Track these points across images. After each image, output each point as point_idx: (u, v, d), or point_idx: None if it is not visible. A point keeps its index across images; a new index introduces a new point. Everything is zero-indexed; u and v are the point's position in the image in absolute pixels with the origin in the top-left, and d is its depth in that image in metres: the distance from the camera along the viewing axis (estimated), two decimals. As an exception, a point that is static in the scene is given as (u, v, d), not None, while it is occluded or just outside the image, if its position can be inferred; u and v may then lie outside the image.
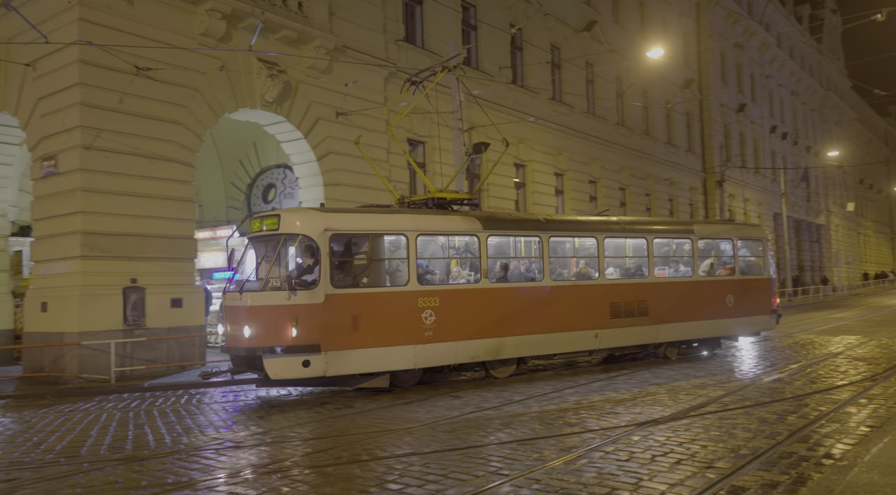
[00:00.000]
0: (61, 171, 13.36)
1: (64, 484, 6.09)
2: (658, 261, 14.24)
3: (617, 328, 13.04)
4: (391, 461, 6.46)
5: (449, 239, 11.74)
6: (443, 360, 11.07)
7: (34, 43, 12.80)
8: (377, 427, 8.13)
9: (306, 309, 9.83)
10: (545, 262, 12.29)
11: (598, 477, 5.71)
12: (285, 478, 5.98)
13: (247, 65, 15.41)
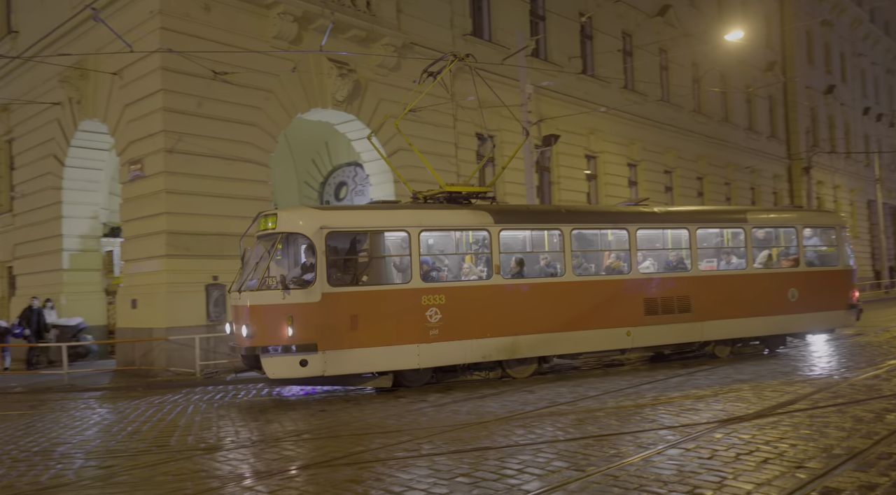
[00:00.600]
0: (147, 174, 13.99)
1: (156, 471, 6.37)
2: (704, 252, 13.30)
3: (653, 325, 12.15)
4: (465, 455, 6.44)
5: (457, 234, 11.39)
6: (450, 360, 10.73)
7: (120, 52, 13.45)
8: (453, 421, 8.13)
9: (302, 308, 9.75)
10: (566, 256, 11.61)
11: (678, 474, 5.53)
12: (383, 465, 6.06)
13: (318, 65, 15.71)
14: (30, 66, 17.19)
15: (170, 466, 6.55)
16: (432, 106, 17.51)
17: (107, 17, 12.73)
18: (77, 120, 16.25)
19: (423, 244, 10.60)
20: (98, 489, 5.86)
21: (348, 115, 16.56)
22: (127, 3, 14.05)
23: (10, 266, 19.27)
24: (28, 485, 6.03)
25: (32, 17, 17.57)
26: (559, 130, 20.63)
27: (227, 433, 8.03)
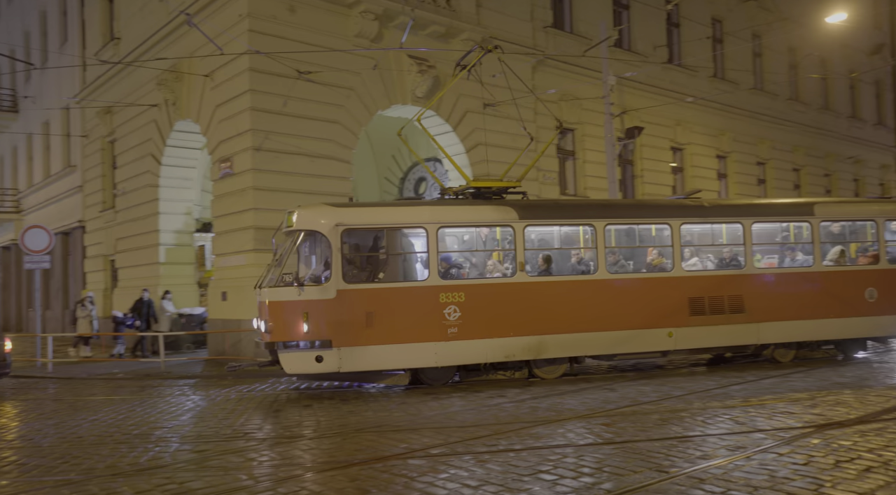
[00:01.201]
0: (236, 172, 14.55)
1: (243, 456, 6.61)
2: (762, 249, 12.39)
3: (698, 326, 11.38)
4: (544, 451, 6.36)
5: (478, 230, 11.14)
6: (469, 359, 10.55)
7: (211, 55, 14.04)
8: (533, 417, 8.06)
9: (317, 304, 9.85)
10: (599, 253, 11.06)
11: (770, 480, 5.26)
12: (461, 457, 6.09)
13: (398, 62, 15.88)
14: (130, 70, 18.19)
15: (260, 453, 6.79)
16: (511, 100, 17.37)
17: (199, 22, 13.30)
18: (172, 120, 17.07)
19: (441, 241, 10.49)
20: (192, 472, 6.13)
21: (428, 111, 16.65)
22: (218, 7, 14.64)
23: (113, 259, 20.49)
24: (129, 466, 6.39)
25: (132, 25, 18.59)
26: (643, 122, 20.07)
27: (311, 422, 8.24)
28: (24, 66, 26.04)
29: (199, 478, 5.87)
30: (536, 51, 18.20)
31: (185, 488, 5.58)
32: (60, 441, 7.63)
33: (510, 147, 17.64)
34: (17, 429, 8.57)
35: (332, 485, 5.54)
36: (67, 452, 7.03)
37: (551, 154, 19.12)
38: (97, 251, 21.54)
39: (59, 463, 6.58)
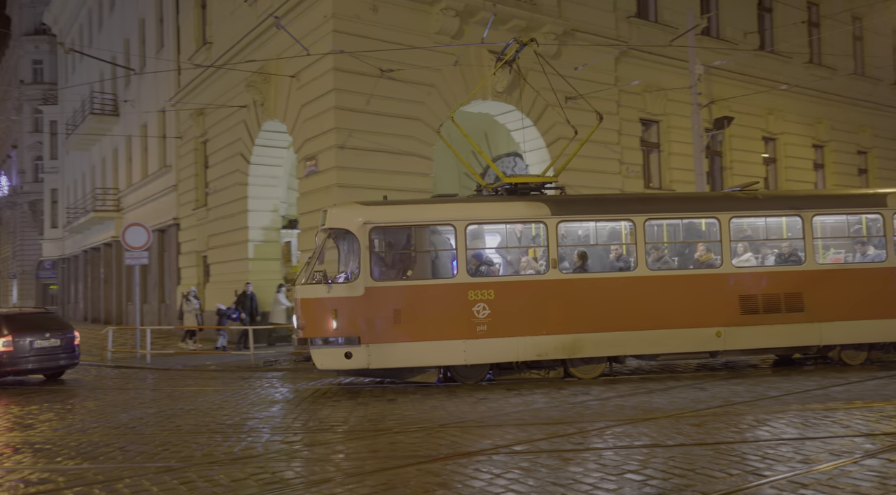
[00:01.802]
0: (321, 170, 14.92)
1: (331, 449, 6.77)
2: (826, 243, 11.63)
3: (750, 326, 10.77)
4: (632, 451, 6.21)
5: (509, 227, 10.83)
6: (499, 357, 10.41)
7: (297, 56, 14.44)
8: (619, 416, 7.89)
9: (346, 301, 9.98)
10: (639, 249, 10.63)
11: (880, 486, 4.94)
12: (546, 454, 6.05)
13: (478, 58, 15.86)
14: (221, 73, 18.94)
15: (346, 445, 6.93)
16: (594, 93, 17.04)
17: (286, 24, 13.71)
18: (260, 120, 17.67)
19: (469, 238, 10.38)
20: (283, 462, 6.33)
21: (508, 106, 16.59)
22: (304, 10, 15.03)
23: (205, 255, 21.44)
24: (224, 455, 6.66)
25: (223, 29, 19.35)
26: (732, 112, 19.28)
27: (395, 416, 8.35)
28: (124, 71, 27.59)
29: (290, 469, 6.05)
30: (619, 42, 17.77)
31: (277, 477, 5.76)
32: (160, 429, 8.04)
33: (593, 140, 17.32)
34: (121, 417, 9.09)
35: (418, 480, 5.58)
36: (167, 440, 7.40)
37: (634, 147, 18.65)
38: (190, 247, 22.57)
39: (160, 450, 6.93)
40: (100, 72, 31.23)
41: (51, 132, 41.33)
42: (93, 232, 33.60)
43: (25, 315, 13.63)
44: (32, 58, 48.02)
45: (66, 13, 37.95)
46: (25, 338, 12.47)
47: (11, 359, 12.32)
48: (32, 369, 12.70)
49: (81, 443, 7.32)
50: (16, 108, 48.39)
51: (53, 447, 7.18)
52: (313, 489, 5.40)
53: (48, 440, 7.58)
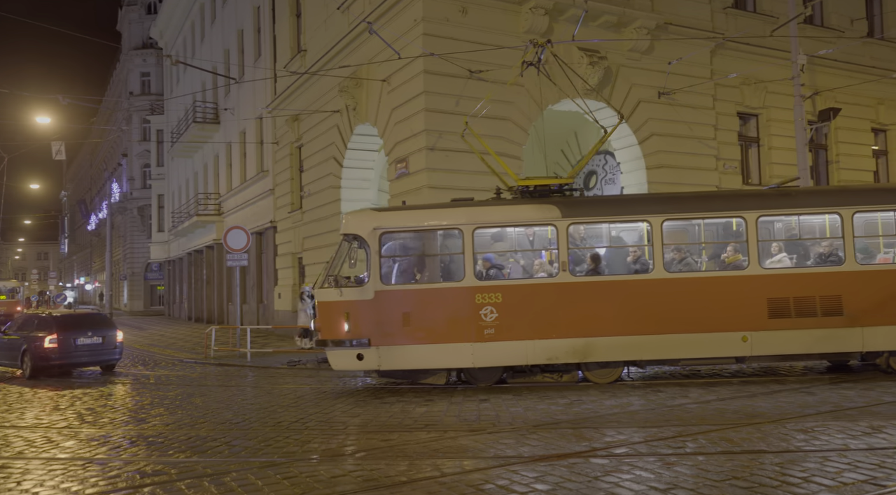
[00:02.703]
0: (411, 172, 15.14)
1: (428, 447, 6.87)
2: (867, 242, 10.62)
3: (781, 330, 10.11)
4: (739, 457, 5.97)
5: (518, 230, 10.83)
6: (507, 360, 10.33)
7: (388, 60, 14.72)
8: (721, 420, 7.61)
9: (357, 304, 10.24)
10: (656, 251, 10.21)
11: None
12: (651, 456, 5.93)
13: (568, 55, 15.65)
14: (315, 79, 19.57)
15: (440, 443, 7.02)
16: (688, 87, 16.50)
17: (378, 30, 14.00)
18: (353, 125, 18.13)
19: (477, 242, 10.33)
20: (381, 460, 6.47)
21: (599, 103, 16.26)
22: (394, 15, 15.32)
23: (300, 257, 22.18)
24: (323, 451, 6.87)
25: (317, 37, 19.98)
26: (838, 103, 18.22)
27: (489, 416, 8.37)
28: (224, 81, 28.95)
29: (390, 467, 6.17)
30: (716, 34, 17.13)
31: (374, 474, 5.89)
32: (262, 425, 8.39)
33: (688, 136, 16.80)
34: (225, 413, 9.53)
35: (515, 480, 5.58)
36: (269, 436, 7.71)
37: (732, 141, 17.93)
38: (286, 249, 23.41)
39: (263, 445, 7.23)
40: (202, 82, 32.91)
41: (157, 141, 43.87)
42: (196, 235, 35.41)
43: (72, 316, 15.28)
44: (141, 71, 51.18)
45: (171, 27, 40.22)
46: (70, 336, 14.00)
47: (58, 353, 13.85)
48: (77, 363, 14.32)
49: (190, 438, 7.73)
50: (126, 119, 51.72)
51: (165, 441, 7.62)
52: (414, 487, 5.49)
53: (160, 434, 8.05)
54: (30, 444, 7.68)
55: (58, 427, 8.67)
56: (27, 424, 8.93)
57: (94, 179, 71.37)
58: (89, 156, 75.27)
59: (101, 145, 64.60)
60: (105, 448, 7.38)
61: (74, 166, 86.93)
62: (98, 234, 65.59)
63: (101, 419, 9.18)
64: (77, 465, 6.58)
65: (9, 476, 6.25)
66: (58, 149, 22.97)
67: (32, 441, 7.85)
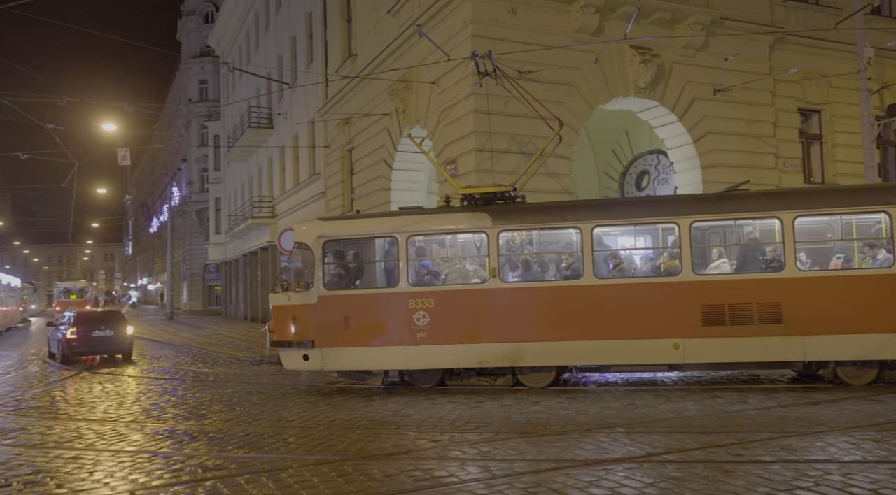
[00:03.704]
0: (460, 173, 15.14)
1: (477, 449, 6.84)
2: (814, 248, 10.27)
3: (715, 337, 9.83)
4: (801, 466, 5.75)
5: (451, 238, 11.17)
6: (439, 363, 10.65)
7: (437, 62, 14.77)
8: (782, 428, 7.36)
9: (302, 309, 10.82)
10: (586, 257, 10.18)
11: None
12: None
13: (619, 54, 15.42)
14: (365, 83, 19.77)
15: (491, 445, 6.99)
16: (745, 84, 16.04)
17: (427, 32, 14.06)
18: (402, 127, 18.24)
19: (412, 249, 10.77)
20: (434, 460, 6.48)
21: (651, 102, 16.00)
22: (444, 17, 15.35)
23: (352, 258, 22.39)
24: (376, 450, 6.92)
25: (367, 41, 20.20)
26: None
27: (541, 419, 8.30)
28: (278, 86, 29.54)
29: (441, 467, 6.18)
30: (775, 28, 16.60)
31: (427, 474, 5.91)
32: (317, 423, 8.51)
33: (745, 134, 16.34)
34: (282, 410, 9.71)
35: (569, 484, 5.51)
36: (322, 433, 7.82)
37: (792, 139, 17.34)
38: (338, 250, 23.67)
39: (318, 443, 7.34)
40: (256, 88, 33.66)
41: (214, 145, 45.06)
42: (251, 237, 36.23)
43: (91, 313, 18.34)
44: (199, 78, 52.69)
45: (228, 35, 41.27)
46: (88, 330, 16.97)
47: (78, 343, 16.82)
48: (93, 351, 17.26)
49: (248, 434, 7.91)
50: (185, 125, 53.32)
51: (224, 436, 7.81)
52: (465, 488, 5.48)
53: (220, 429, 8.26)
54: (100, 437, 7.99)
55: (125, 421, 9.00)
56: (97, 418, 9.29)
57: (156, 184, 73.82)
58: (151, 161, 77.94)
59: (162, 151, 66.79)
60: (169, 442, 7.62)
61: (137, 171, 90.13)
62: (159, 237, 67.79)
63: (165, 414, 9.47)
64: (143, 458, 6.82)
65: (82, 466, 6.53)
66: (123, 155, 23.78)
67: (102, 433, 8.17)
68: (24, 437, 8.13)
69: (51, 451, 7.27)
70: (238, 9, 37.54)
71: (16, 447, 7.56)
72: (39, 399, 11.46)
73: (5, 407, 10.53)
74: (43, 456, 7.07)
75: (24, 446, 7.61)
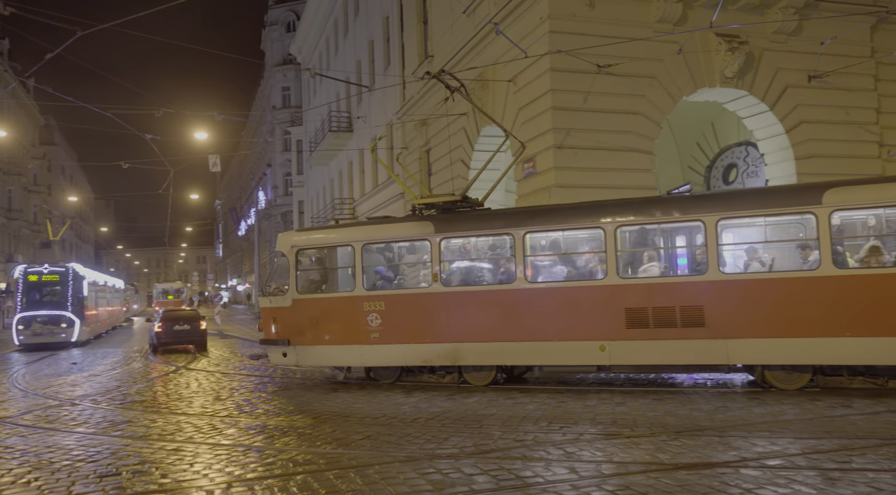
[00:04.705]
0: (538, 171, 14.99)
1: (563, 450, 6.73)
2: (740, 250, 10.03)
3: (639, 340, 9.94)
4: (854, 475, 5.37)
5: (400, 245, 12.02)
6: (389, 361, 11.63)
7: (514, 60, 14.66)
8: (891, 434, 6.89)
9: (280, 310, 12.19)
10: (518, 262, 10.68)
11: None
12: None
13: (704, 43, 14.87)
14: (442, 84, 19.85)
15: (578, 447, 6.86)
16: (844, 69, 15.13)
17: (504, 30, 13.98)
18: (479, 127, 18.23)
19: (366, 256, 11.72)
20: (520, 460, 6.42)
21: (739, 92, 15.34)
22: (520, 14, 15.23)
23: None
24: (460, 448, 6.92)
25: (443, 42, 20.30)
26: None
27: (627, 420, 8.09)
28: (356, 90, 30.13)
29: (527, 468, 6.11)
30: (877, 7, 15.58)
31: (513, 474, 5.85)
32: (401, 421, 8.60)
33: (844, 122, 15.43)
34: (367, 408, 9.87)
35: (658, 488, 5.33)
36: (407, 431, 7.89)
37: (896, 126, 16.24)
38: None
39: (403, 440, 7.41)
40: (336, 93, 34.45)
41: (297, 150, 46.45)
42: (333, 238, 37.06)
43: (173, 311, 22.60)
44: (282, 85, 54.50)
45: (308, 43, 42.45)
46: (170, 325, 20.71)
47: (162, 336, 20.63)
48: (174, 343, 20.87)
49: (335, 430, 8.07)
50: (269, 131, 55.23)
51: (313, 432, 8.01)
52: (543, 488, 5.39)
53: (309, 425, 8.47)
54: (198, 430, 8.36)
55: (220, 416, 9.38)
56: (195, 412, 9.73)
57: (243, 188, 76.82)
58: (238, 166, 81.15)
59: (249, 157, 69.40)
60: (261, 436, 7.90)
61: (226, 177, 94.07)
62: (247, 239, 70.52)
63: (256, 409, 9.82)
64: (238, 451, 7.09)
65: (182, 458, 6.87)
66: (214, 162, 24.86)
67: (200, 427, 8.55)
68: (130, 429, 8.60)
69: (154, 443, 7.67)
70: (318, 16, 38.54)
71: (123, 438, 8.01)
72: (143, 394, 12.13)
73: (114, 401, 11.19)
74: (147, 447, 7.47)
75: (131, 437, 8.05)
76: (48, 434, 8.45)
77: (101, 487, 5.89)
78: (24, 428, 8.92)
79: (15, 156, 54.05)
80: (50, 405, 10.95)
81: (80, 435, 8.29)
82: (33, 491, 5.85)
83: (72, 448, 7.53)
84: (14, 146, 52.89)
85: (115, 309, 37.54)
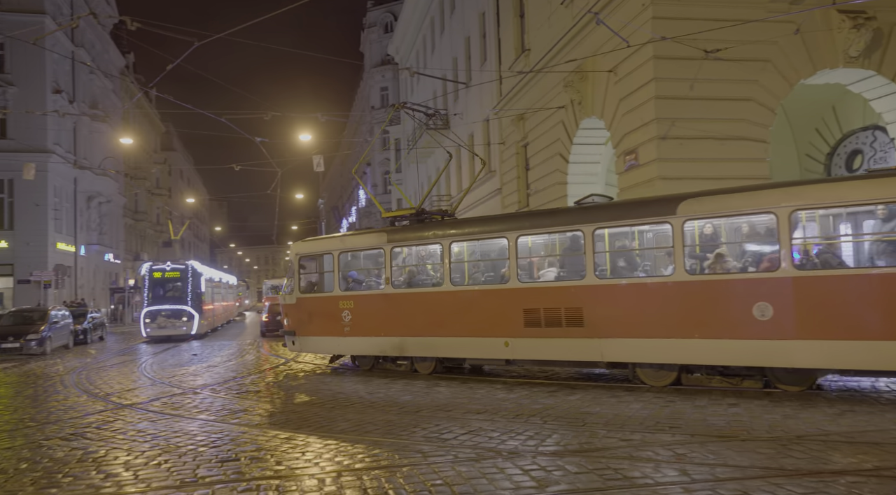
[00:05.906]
0: (641, 163, 14.51)
1: (672, 451, 6.48)
2: (614, 257, 10.86)
3: (533, 338, 11.18)
4: None
5: (365, 253, 14.09)
6: (358, 351, 13.87)
7: (615, 50, 14.26)
8: None
9: (290, 307, 14.89)
10: (444, 267, 12.38)
11: None
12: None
13: (825, 21, 13.89)
14: (539, 77, 19.64)
15: (687, 447, 6.60)
16: None
17: (605, 17, 13.61)
18: (578, 119, 17.87)
19: (342, 262, 13.99)
20: (626, 460, 6.25)
21: (866, 72, 14.22)
22: (621, 1, 14.78)
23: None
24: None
25: (540, 35, 20.05)
26: None
27: (741, 422, 7.70)
28: (453, 87, 30.31)
29: (634, 467, 5.93)
30: None
31: (619, 474, 5.69)
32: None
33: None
34: (463, 403, 9.90)
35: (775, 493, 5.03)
36: (508, 426, 7.83)
37: None
38: (516, 246, 23.73)
39: (507, 436, 7.35)
40: (433, 90, 34.80)
41: (395, 148, 47.33)
42: (431, 235, 37.50)
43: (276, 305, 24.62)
44: (380, 86, 55.67)
45: (406, 43, 43.13)
46: (274, 316, 25.11)
47: (267, 325, 26.34)
48: (276, 330, 24.69)
49: (439, 427, 8.15)
50: (369, 131, 56.55)
51: (415, 427, 8.13)
52: (637, 492, 5.20)
53: (410, 422, 8.59)
54: (305, 421, 8.67)
55: (327, 406, 9.68)
56: (300, 402, 10.09)
57: (344, 187, 79.13)
58: (340, 166, 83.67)
59: (349, 156, 71.37)
60: (360, 431, 8.08)
61: (328, 176, 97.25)
62: (348, 237, 72.36)
63: (356, 403, 10.06)
64: (347, 442, 7.30)
65: (294, 446, 7.18)
66: (318, 162, 25.65)
67: (308, 418, 8.86)
68: (246, 418, 9.06)
69: (269, 431, 8.03)
70: (415, 16, 39.08)
71: (241, 426, 8.44)
72: (257, 384, 12.76)
73: (231, 391, 11.84)
74: (262, 435, 7.84)
75: (248, 426, 8.48)
76: (174, 420, 9.06)
77: (223, 471, 6.23)
78: (154, 413, 9.59)
79: (140, 161, 58.38)
80: (175, 393, 11.73)
81: (203, 422, 8.81)
82: (163, 473, 6.26)
83: (195, 433, 8.02)
84: (139, 153, 56.95)
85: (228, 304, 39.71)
